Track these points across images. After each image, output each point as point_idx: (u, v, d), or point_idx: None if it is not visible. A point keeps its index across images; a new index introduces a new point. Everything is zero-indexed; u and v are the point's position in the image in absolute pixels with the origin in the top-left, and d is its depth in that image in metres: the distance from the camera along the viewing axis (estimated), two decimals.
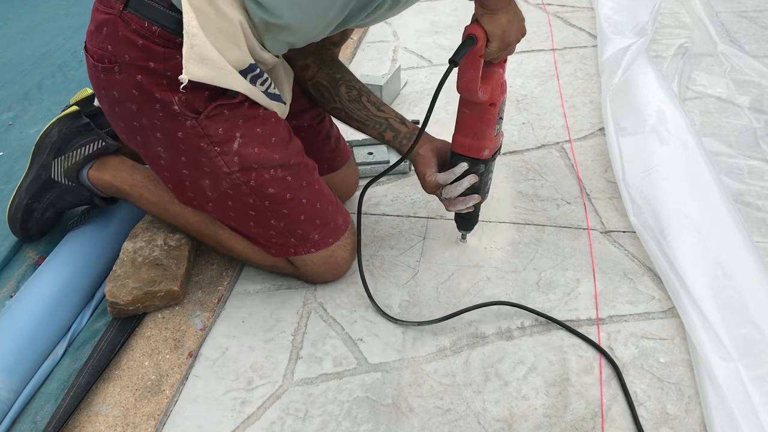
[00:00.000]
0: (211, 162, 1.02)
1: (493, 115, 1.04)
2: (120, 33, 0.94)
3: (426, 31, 2.14)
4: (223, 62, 0.93)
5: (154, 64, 0.94)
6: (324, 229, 1.11)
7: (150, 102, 0.98)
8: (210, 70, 0.93)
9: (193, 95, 0.97)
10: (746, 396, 0.90)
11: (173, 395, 1.00)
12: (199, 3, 0.89)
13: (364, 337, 1.08)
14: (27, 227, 1.25)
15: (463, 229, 1.22)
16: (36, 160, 1.21)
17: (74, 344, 1.09)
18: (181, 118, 0.98)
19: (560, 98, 1.71)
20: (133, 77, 0.96)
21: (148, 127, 1.01)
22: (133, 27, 0.93)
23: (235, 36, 0.93)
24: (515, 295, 1.13)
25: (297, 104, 1.21)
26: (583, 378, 0.99)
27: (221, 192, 1.05)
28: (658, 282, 1.14)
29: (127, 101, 0.99)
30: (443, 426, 0.93)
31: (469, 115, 1.05)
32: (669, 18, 2.05)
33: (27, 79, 1.90)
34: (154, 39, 0.93)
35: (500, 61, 1.04)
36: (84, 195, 1.22)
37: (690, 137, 1.39)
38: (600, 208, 1.32)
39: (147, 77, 0.95)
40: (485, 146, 1.07)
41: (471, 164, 1.09)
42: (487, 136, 1.07)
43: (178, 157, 1.03)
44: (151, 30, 0.93)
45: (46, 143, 1.20)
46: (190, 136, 0.99)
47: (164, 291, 1.12)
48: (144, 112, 0.99)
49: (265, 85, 1.02)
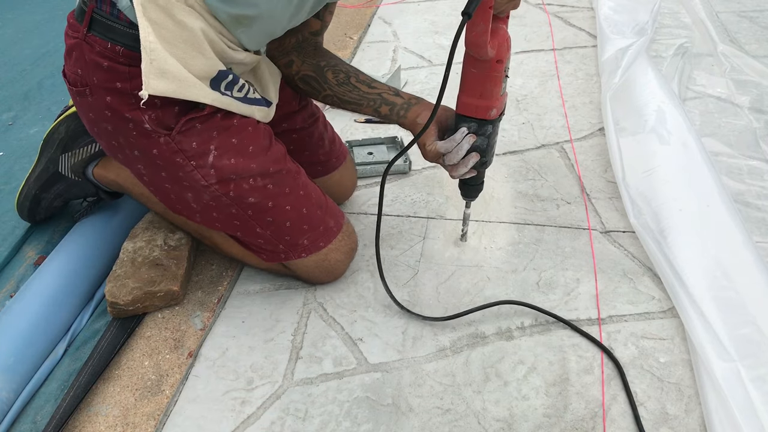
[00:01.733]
0: (189, 176, 1.01)
1: (500, 73, 1.01)
2: (86, 57, 0.95)
3: (426, 31, 2.14)
4: (185, 74, 0.92)
5: (121, 84, 0.94)
6: (313, 233, 1.10)
7: (122, 122, 0.97)
8: (171, 83, 0.91)
9: (163, 112, 0.97)
10: (746, 396, 0.90)
11: (173, 395, 1.00)
12: (156, 16, 0.89)
13: (364, 337, 1.08)
14: (35, 213, 1.29)
15: (467, 197, 1.17)
16: (44, 154, 1.24)
17: (74, 344, 1.09)
18: (155, 136, 0.98)
19: (560, 98, 1.71)
20: (103, 99, 0.96)
21: (125, 146, 1.01)
22: (97, 49, 0.94)
23: (198, 44, 0.92)
24: (515, 295, 1.13)
25: (288, 106, 1.20)
26: (583, 378, 0.99)
27: (204, 204, 1.05)
28: (658, 282, 1.14)
29: (102, 122, 1.00)
30: (443, 426, 0.93)
31: (476, 74, 1.01)
32: (669, 18, 2.05)
33: (27, 79, 1.90)
34: (118, 59, 0.93)
35: (504, 17, 1.01)
36: (90, 189, 1.25)
37: (690, 137, 1.39)
38: (600, 208, 1.32)
39: (115, 98, 0.95)
40: (493, 106, 1.03)
41: (478, 125, 1.05)
42: (494, 96, 1.03)
43: (158, 173, 1.03)
44: (114, 50, 0.93)
45: (54, 139, 1.22)
46: (165, 152, 0.99)
47: (164, 291, 1.12)
48: (119, 132, 1.00)
49: (243, 90, 1.01)
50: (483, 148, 1.07)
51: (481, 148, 1.07)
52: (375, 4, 2.33)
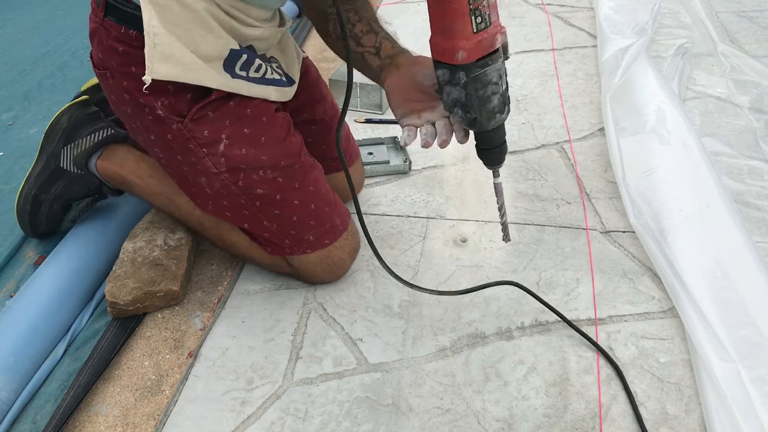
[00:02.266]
0: (201, 162, 1.02)
1: (460, 4, 0.79)
2: (104, 41, 0.96)
3: (426, 31, 2.13)
4: (191, 57, 0.92)
5: (135, 69, 0.94)
6: (319, 229, 1.11)
7: (139, 106, 0.99)
8: (175, 67, 0.91)
9: (176, 99, 0.97)
10: (746, 396, 0.90)
11: (173, 395, 1.00)
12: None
13: (364, 337, 1.08)
14: (36, 221, 1.25)
15: (490, 164, 0.95)
16: (45, 149, 1.22)
17: (74, 344, 1.09)
18: (168, 122, 0.99)
19: (560, 98, 1.71)
20: (120, 83, 0.98)
21: (143, 129, 1.02)
22: (113, 34, 0.94)
23: (207, 24, 0.91)
24: (515, 295, 1.13)
25: (310, 93, 1.20)
26: (583, 378, 0.99)
27: (216, 191, 1.06)
28: (658, 282, 1.14)
29: (122, 104, 1.01)
30: (443, 426, 0.93)
31: (433, 5, 0.83)
32: (669, 18, 2.05)
33: (27, 79, 1.90)
34: (132, 43, 0.94)
35: None
36: (93, 184, 1.24)
37: (690, 137, 1.39)
38: (600, 208, 1.32)
39: (131, 83, 0.96)
40: (458, 47, 0.82)
41: (450, 73, 0.85)
42: (457, 34, 0.81)
43: (174, 157, 1.04)
44: (128, 34, 0.93)
45: (57, 130, 1.21)
46: (179, 138, 1.00)
47: (164, 291, 1.12)
48: (137, 116, 1.01)
49: (261, 71, 1.01)
50: (462, 101, 0.87)
51: (460, 101, 0.87)
52: (375, 4, 2.33)
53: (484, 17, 0.82)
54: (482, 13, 0.81)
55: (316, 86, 1.23)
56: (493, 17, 0.83)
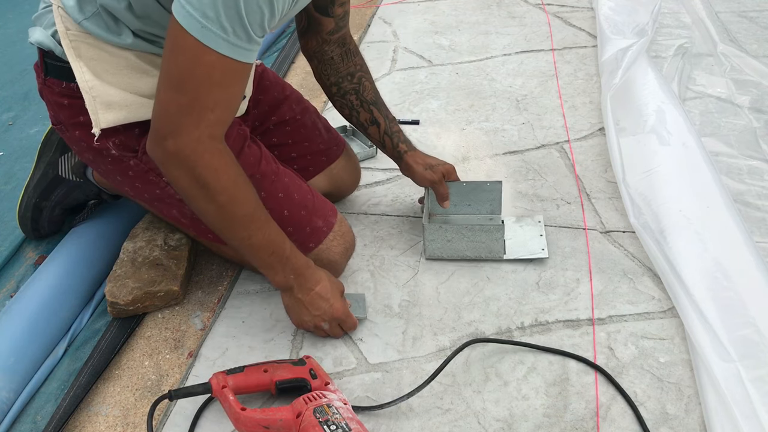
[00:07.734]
0: (165, 192, 1.05)
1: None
2: (51, 98, 1.01)
3: (426, 31, 2.14)
4: (132, 98, 0.95)
5: (83, 118, 0.98)
6: (300, 234, 1.08)
7: (96, 152, 1.02)
8: (120, 111, 0.95)
9: (125, 136, 1.00)
10: (746, 396, 0.90)
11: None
12: (89, 52, 0.93)
13: (364, 337, 1.08)
14: (38, 226, 1.26)
15: None
16: (43, 158, 1.23)
17: (74, 344, 1.09)
18: (125, 159, 1.02)
19: (560, 98, 1.71)
20: (74, 134, 1.02)
21: (108, 172, 1.06)
22: (57, 90, 0.99)
23: (139, 67, 0.95)
24: (515, 295, 1.13)
25: (271, 96, 1.19)
26: (582, 378, 0.99)
27: (190, 217, 1.07)
28: (658, 282, 1.14)
29: (83, 153, 1.05)
30: (443, 426, 0.93)
31: None
32: (669, 18, 2.05)
33: (27, 79, 1.90)
34: (76, 95, 0.97)
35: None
36: (92, 190, 1.25)
37: (690, 137, 1.39)
38: (600, 208, 1.32)
39: (82, 131, 1.00)
40: None
41: None
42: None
43: (142, 193, 1.08)
44: (70, 87, 0.97)
45: (53, 140, 1.23)
46: (138, 173, 1.03)
47: (164, 291, 1.12)
48: (98, 160, 1.04)
49: None
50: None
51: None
52: (375, 4, 2.33)
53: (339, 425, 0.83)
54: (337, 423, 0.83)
55: (275, 87, 1.22)
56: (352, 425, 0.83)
